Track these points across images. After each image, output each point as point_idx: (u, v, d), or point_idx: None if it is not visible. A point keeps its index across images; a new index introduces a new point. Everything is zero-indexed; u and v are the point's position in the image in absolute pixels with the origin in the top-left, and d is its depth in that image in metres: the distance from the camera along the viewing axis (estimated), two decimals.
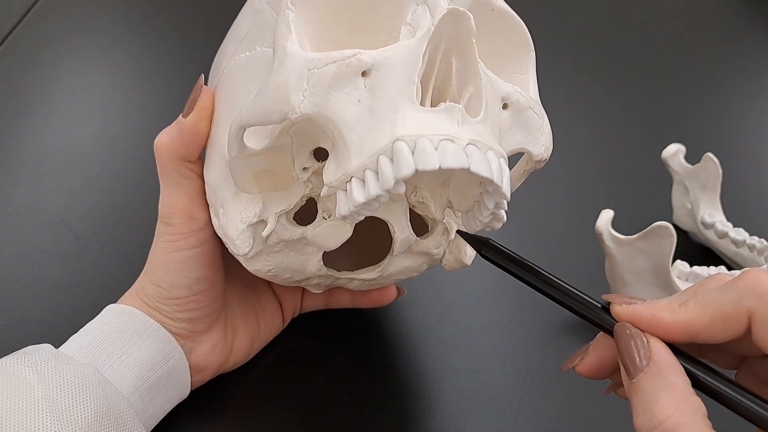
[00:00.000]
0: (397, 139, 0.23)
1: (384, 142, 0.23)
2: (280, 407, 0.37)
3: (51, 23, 0.69)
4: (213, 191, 0.30)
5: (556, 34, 0.70)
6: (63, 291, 0.43)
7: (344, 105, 0.24)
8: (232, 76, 0.29)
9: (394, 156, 0.23)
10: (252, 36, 0.29)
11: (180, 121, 0.31)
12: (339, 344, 0.40)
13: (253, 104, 0.25)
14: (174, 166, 0.31)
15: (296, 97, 0.24)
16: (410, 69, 0.24)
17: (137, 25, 0.71)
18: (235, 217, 0.29)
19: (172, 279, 0.32)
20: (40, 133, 0.55)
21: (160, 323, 0.33)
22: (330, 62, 0.24)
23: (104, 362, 0.31)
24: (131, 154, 0.54)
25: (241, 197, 0.29)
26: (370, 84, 0.24)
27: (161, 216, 0.32)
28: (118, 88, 0.61)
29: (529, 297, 0.43)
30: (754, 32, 0.73)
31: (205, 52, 0.67)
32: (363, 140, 0.24)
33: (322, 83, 0.24)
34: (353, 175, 0.24)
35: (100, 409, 0.28)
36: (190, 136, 0.30)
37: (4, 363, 0.29)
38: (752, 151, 0.57)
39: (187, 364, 0.33)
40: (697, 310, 0.22)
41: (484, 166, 0.24)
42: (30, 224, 0.47)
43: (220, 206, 0.30)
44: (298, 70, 0.24)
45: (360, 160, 0.24)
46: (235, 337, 0.36)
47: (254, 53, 0.28)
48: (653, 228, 0.38)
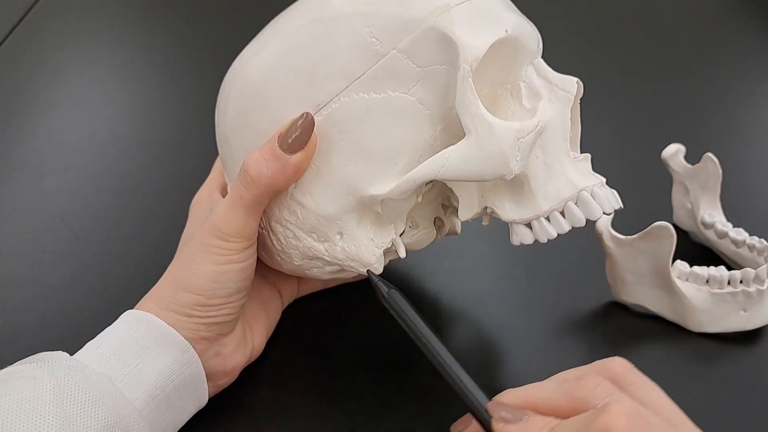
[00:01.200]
0: (582, 190, 0.31)
1: (570, 192, 0.31)
2: (286, 407, 0.37)
3: (51, 23, 0.69)
4: (328, 221, 0.32)
5: (556, 34, 0.70)
6: (63, 291, 0.43)
7: (532, 161, 0.31)
8: (356, 114, 0.31)
9: (580, 202, 0.31)
10: (377, 78, 0.30)
11: (284, 157, 0.31)
12: (339, 344, 0.40)
13: (460, 165, 0.30)
14: (265, 196, 0.32)
15: (513, 163, 0.30)
16: (564, 128, 0.31)
17: (137, 25, 0.71)
18: (367, 243, 0.33)
19: (215, 288, 0.32)
20: (40, 133, 0.55)
21: (188, 329, 0.33)
22: (530, 131, 0.30)
23: (121, 371, 0.30)
24: (131, 154, 0.54)
25: (365, 225, 0.33)
26: (541, 143, 0.31)
27: (219, 233, 0.32)
28: (118, 88, 0.61)
29: (529, 298, 0.44)
30: (754, 32, 0.73)
31: (204, 52, 0.67)
32: (546, 188, 0.31)
33: (527, 149, 0.30)
34: (542, 215, 0.31)
35: (107, 422, 0.28)
36: (294, 173, 0.31)
37: (22, 367, 0.29)
38: (752, 151, 0.57)
39: (203, 372, 0.33)
40: None
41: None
42: (30, 224, 0.47)
43: (336, 234, 0.33)
44: (511, 140, 0.29)
45: (549, 205, 0.31)
46: (253, 332, 0.37)
47: (386, 97, 0.30)
48: (653, 228, 0.38)
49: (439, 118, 0.31)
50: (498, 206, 0.32)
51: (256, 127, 0.33)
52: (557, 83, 0.32)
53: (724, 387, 0.39)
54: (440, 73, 0.30)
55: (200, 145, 0.54)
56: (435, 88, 0.30)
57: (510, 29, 0.31)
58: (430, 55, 0.30)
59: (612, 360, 0.27)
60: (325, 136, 0.31)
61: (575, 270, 0.45)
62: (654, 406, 0.25)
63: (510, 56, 0.31)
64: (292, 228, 0.34)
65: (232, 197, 0.32)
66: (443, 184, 0.35)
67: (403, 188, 0.31)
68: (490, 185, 0.32)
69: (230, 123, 0.34)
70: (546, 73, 0.32)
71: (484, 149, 0.29)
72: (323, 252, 0.33)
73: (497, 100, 0.32)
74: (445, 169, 0.30)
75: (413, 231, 0.36)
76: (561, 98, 0.32)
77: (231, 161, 0.35)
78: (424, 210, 0.36)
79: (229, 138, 0.35)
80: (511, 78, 0.32)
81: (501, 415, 0.27)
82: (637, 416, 0.23)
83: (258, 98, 0.32)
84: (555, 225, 0.31)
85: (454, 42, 0.29)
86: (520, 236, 0.32)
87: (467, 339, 0.41)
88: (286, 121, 0.31)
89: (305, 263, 0.35)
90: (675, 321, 0.41)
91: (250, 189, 0.32)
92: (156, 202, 0.49)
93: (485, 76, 0.31)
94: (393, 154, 0.31)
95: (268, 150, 0.31)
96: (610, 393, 0.25)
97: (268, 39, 0.33)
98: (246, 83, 0.33)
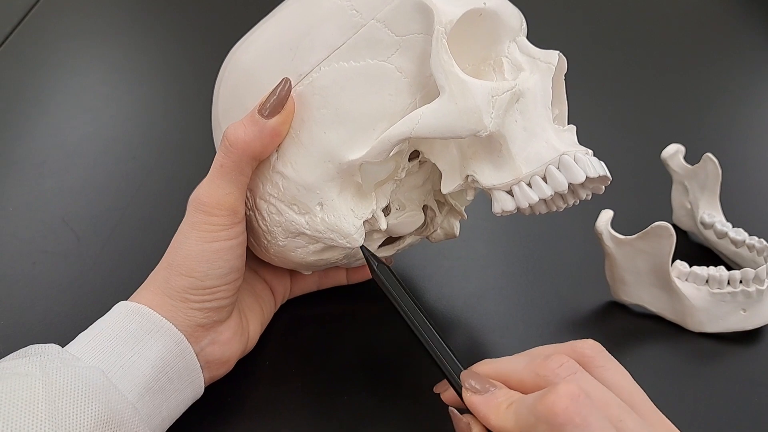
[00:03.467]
0: (564, 153, 0.30)
1: (551, 156, 0.30)
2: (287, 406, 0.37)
3: (51, 24, 0.69)
4: (308, 190, 0.32)
5: (556, 34, 0.70)
6: (63, 291, 0.43)
7: (510, 124, 0.31)
8: (336, 82, 0.31)
9: (562, 166, 0.30)
10: (357, 47, 0.31)
11: (261, 121, 0.31)
12: (341, 343, 0.40)
13: (433, 121, 0.29)
14: (243, 162, 0.32)
15: (487, 118, 0.30)
16: (545, 97, 0.31)
17: (136, 26, 0.71)
18: (346, 213, 0.33)
19: (208, 269, 0.32)
20: (40, 133, 0.55)
21: (183, 316, 0.33)
22: (505, 91, 0.30)
23: (114, 363, 0.30)
24: (131, 154, 0.54)
25: (345, 196, 0.33)
26: (520, 108, 0.31)
27: (203, 206, 0.32)
28: (118, 88, 0.61)
29: (529, 297, 0.44)
30: (754, 33, 0.73)
31: (204, 52, 0.67)
32: (526, 152, 0.31)
33: (502, 107, 0.30)
34: (523, 180, 0.31)
35: (100, 417, 0.28)
36: (271, 137, 0.31)
37: (13, 362, 0.29)
38: (751, 151, 0.57)
39: (198, 363, 0.33)
40: (513, 420, 0.26)
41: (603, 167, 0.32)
42: (30, 224, 0.47)
43: (317, 204, 0.33)
44: (485, 96, 0.30)
45: (529, 168, 0.31)
46: (249, 322, 0.37)
47: (365, 65, 0.31)
48: (653, 228, 0.38)
49: (417, 86, 0.31)
50: (478, 172, 0.32)
51: (245, 104, 0.33)
52: (539, 57, 0.32)
53: (724, 387, 0.39)
54: (418, 41, 0.30)
55: (201, 145, 0.54)
56: (413, 56, 0.31)
57: (489, 3, 0.31)
58: (408, 24, 0.30)
59: (584, 342, 0.28)
60: (306, 104, 0.32)
61: (575, 270, 0.45)
62: (617, 388, 0.26)
63: (491, 32, 0.32)
64: (275, 202, 0.34)
65: (213, 167, 0.33)
66: (432, 169, 0.36)
67: (379, 149, 0.31)
68: (470, 152, 0.32)
69: (222, 106, 0.35)
70: (529, 49, 0.33)
71: (458, 105, 0.29)
72: (304, 225, 0.33)
73: (480, 75, 0.32)
74: (419, 126, 0.30)
75: (399, 213, 0.36)
76: (542, 69, 0.32)
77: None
78: (412, 193, 0.36)
79: (221, 121, 0.35)
80: (493, 54, 0.32)
81: (470, 384, 0.28)
82: (580, 399, 0.24)
83: (248, 78, 0.33)
84: (536, 190, 0.31)
85: (430, 9, 0.30)
86: (501, 203, 0.32)
87: (467, 339, 0.41)
88: None
89: (289, 242, 0.35)
90: (674, 321, 0.41)
91: (229, 155, 0.32)
92: (157, 202, 0.50)
93: (468, 53, 0.32)
94: (372, 120, 0.31)
95: (248, 117, 0.32)
96: (571, 373, 0.26)
97: (259, 26, 0.35)
98: (237, 65, 0.34)
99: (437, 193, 0.38)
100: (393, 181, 0.34)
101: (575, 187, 0.32)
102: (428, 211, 0.38)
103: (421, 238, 0.40)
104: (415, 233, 0.39)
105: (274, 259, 0.37)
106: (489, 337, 0.41)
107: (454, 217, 0.39)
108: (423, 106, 0.30)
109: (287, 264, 0.37)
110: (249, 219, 0.35)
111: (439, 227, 0.39)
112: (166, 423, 0.32)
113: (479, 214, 0.42)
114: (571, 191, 0.32)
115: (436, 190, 0.38)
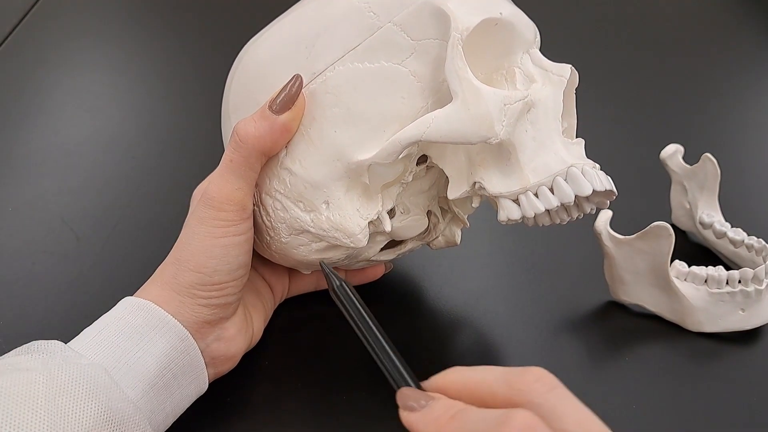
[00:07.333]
0: (572, 166, 0.31)
1: (559, 167, 0.31)
2: (287, 406, 0.37)
3: (51, 24, 0.69)
4: (315, 188, 0.33)
5: (555, 34, 0.70)
6: (63, 291, 0.43)
7: (521, 134, 0.31)
8: (350, 82, 0.31)
9: (569, 178, 0.31)
10: (372, 49, 0.31)
11: (271, 116, 0.31)
12: (341, 344, 0.40)
13: (445, 126, 0.30)
14: (253, 157, 0.32)
15: (498, 126, 0.30)
16: (556, 109, 0.32)
17: (136, 26, 0.71)
18: (352, 213, 0.33)
19: (217, 264, 0.32)
20: (40, 133, 0.55)
21: (190, 312, 0.33)
22: (518, 100, 0.30)
23: (119, 360, 0.30)
24: (131, 154, 0.54)
25: (352, 196, 0.33)
26: (531, 118, 0.31)
27: (212, 200, 0.32)
28: (118, 88, 0.61)
29: (528, 297, 0.44)
30: (753, 33, 0.73)
31: (206, 51, 0.67)
32: (535, 162, 0.31)
33: (514, 116, 0.30)
34: (530, 189, 0.31)
35: (101, 416, 0.28)
36: (281, 133, 0.32)
37: (17, 359, 0.29)
38: (750, 151, 0.57)
39: (202, 359, 0.33)
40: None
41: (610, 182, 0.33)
42: (30, 224, 0.47)
43: (323, 203, 0.33)
44: (497, 104, 0.30)
45: (537, 178, 0.31)
46: (253, 318, 0.37)
47: (379, 66, 0.31)
48: (652, 228, 0.39)
49: (430, 91, 0.31)
50: (486, 179, 0.32)
51: (257, 100, 0.33)
52: (552, 70, 0.32)
53: (723, 386, 0.39)
54: (433, 46, 0.31)
55: (202, 145, 0.54)
56: (427, 61, 0.31)
57: (505, 13, 0.32)
58: (425, 28, 0.31)
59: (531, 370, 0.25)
60: (318, 102, 0.32)
61: (574, 270, 0.45)
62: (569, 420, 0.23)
63: (505, 41, 0.32)
64: (281, 198, 0.34)
65: (222, 162, 0.33)
66: (439, 175, 0.36)
67: (388, 150, 0.31)
68: (479, 159, 0.32)
69: (233, 99, 0.35)
70: (541, 61, 0.33)
71: (470, 110, 0.29)
72: (309, 223, 0.33)
73: (492, 84, 0.33)
74: (430, 130, 0.30)
75: (404, 216, 0.36)
76: (554, 82, 0.32)
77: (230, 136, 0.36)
78: (417, 198, 0.36)
79: (230, 114, 0.36)
80: (506, 64, 0.33)
81: (405, 404, 0.27)
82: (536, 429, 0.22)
83: (261, 74, 0.34)
84: (543, 200, 0.31)
85: (447, 15, 0.30)
86: (507, 211, 0.32)
87: (467, 339, 0.41)
88: None
89: (292, 240, 0.35)
90: (673, 321, 0.41)
91: (239, 150, 0.32)
92: (157, 202, 0.50)
93: (482, 61, 0.32)
94: (383, 122, 0.31)
95: (258, 112, 0.32)
96: (548, 390, 0.24)
97: (275, 23, 0.35)
98: (251, 61, 0.35)
99: (442, 199, 0.38)
100: (400, 184, 0.35)
101: (580, 200, 0.32)
102: (432, 217, 0.38)
103: (422, 244, 0.40)
104: (417, 238, 0.39)
105: (275, 256, 0.37)
106: (489, 336, 0.41)
107: (456, 225, 0.39)
108: (435, 111, 0.30)
109: (288, 261, 0.37)
110: (253, 214, 0.35)
111: (441, 234, 0.39)
112: (170, 419, 0.32)
113: (479, 214, 0.42)
114: (575, 204, 0.32)
115: (441, 197, 0.38)
